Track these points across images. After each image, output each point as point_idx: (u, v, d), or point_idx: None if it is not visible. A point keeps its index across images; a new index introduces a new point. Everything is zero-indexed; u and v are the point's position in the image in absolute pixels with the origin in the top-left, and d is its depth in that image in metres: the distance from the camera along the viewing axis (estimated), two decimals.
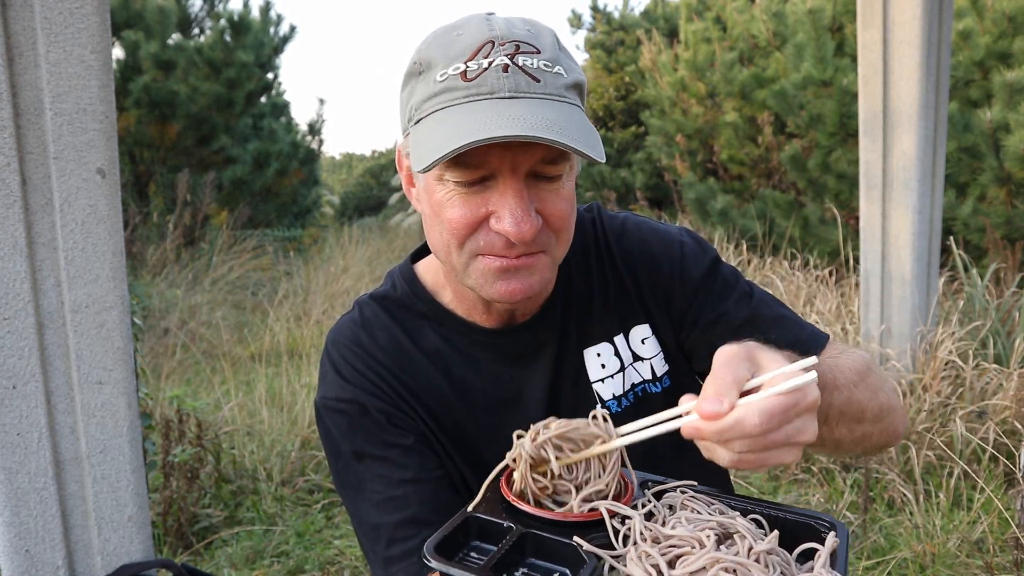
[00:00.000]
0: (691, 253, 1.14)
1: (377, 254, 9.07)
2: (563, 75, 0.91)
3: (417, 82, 0.94)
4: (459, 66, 0.89)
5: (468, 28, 0.92)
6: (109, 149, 1.65)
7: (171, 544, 3.01)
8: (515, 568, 0.77)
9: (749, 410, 0.69)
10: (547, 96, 0.89)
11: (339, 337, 1.11)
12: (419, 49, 0.95)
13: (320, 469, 3.57)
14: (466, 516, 0.81)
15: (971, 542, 2.60)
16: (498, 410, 1.09)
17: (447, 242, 0.96)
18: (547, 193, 0.93)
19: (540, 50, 0.91)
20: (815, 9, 5.46)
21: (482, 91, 0.87)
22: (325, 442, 1.08)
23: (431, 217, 0.97)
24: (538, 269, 0.97)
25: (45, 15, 1.53)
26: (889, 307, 3.64)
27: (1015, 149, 4.31)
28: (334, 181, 21.75)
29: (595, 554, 0.73)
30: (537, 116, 0.85)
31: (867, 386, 1.00)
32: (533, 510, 0.81)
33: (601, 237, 1.15)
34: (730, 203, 6.90)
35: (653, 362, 1.13)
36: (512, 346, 1.10)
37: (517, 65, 0.88)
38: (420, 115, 0.92)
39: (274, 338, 5.40)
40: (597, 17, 11.30)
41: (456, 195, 0.92)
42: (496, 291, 0.96)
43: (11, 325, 1.55)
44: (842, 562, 0.71)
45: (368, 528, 1.03)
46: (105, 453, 1.70)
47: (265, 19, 9.37)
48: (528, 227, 0.90)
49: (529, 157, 0.89)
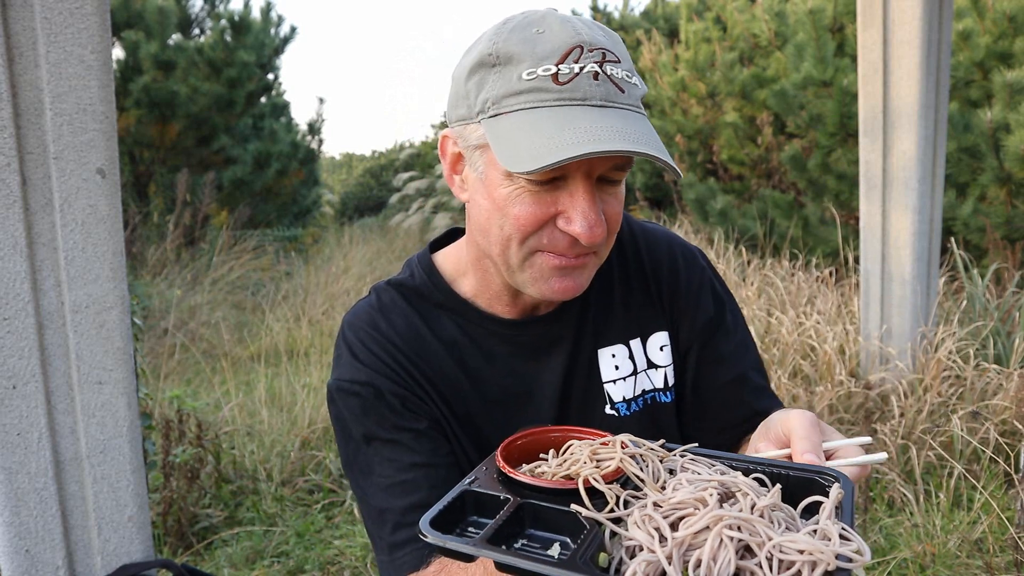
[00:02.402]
0: (710, 288, 1.18)
1: (377, 254, 9.07)
2: (638, 86, 0.94)
3: (490, 73, 0.93)
4: (549, 67, 0.89)
5: (549, 27, 0.92)
6: (109, 149, 1.65)
7: (171, 544, 3.01)
8: (514, 539, 0.76)
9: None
10: (630, 107, 0.91)
11: (356, 320, 1.11)
12: (494, 40, 0.94)
13: (320, 469, 3.57)
14: (463, 490, 0.80)
15: (971, 542, 2.60)
16: (510, 403, 1.10)
17: (508, 236, 0.96)
18: (608, 196, 0.96)
19: (620, 59, 0.93)
20: (815, 9, 5.46)
21: (576, 96, 0.89)
22: (336, 425, 1.08)
23: (492, 211, 0.97)
24: (588, 268, 1.00)
25: (45, 15, 1.53)
26: (889, 307, 3.64)
27: (1015, 149, 4.31)
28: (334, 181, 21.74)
29: (595, 520, 0.72)
30: (631, 129, 0.88)
31: None
32: (529, 479, 0.80)
33: (630, 241, 1.17)
34: (730, 203, 6.89)
35: (667, 371, 1.14)
36: (528, 338, 1.10)
37: (606, 74, 0.90)
38: (501, 110, 0.92)
39: (274, 338, 5.41)
40: (597, 17, 11.30)
41: (526, 192, 0.93)
42: (550, 288, 0.98)
43: (11, 325, 1.55)
44: (848, 513, 0.71)
45: (375, 512, 1.03)
46: (105, 453, 1.70)
47: (266, 19, 9.37)
48: (600, 231, 0.93)
49: (604, 163, 0.92)
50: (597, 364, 1.11)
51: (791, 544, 0.65)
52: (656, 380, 1.14)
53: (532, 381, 1.10)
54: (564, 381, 1.10)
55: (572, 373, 1.10)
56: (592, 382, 1.11)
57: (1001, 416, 3.11)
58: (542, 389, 1.10)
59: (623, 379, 1.12)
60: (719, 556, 0.65)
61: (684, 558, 0.66)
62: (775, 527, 0.68)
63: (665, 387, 1.14)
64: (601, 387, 1.11)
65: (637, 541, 0.69)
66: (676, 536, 0.67)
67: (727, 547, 0.65)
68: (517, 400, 1.10)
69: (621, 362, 1.12)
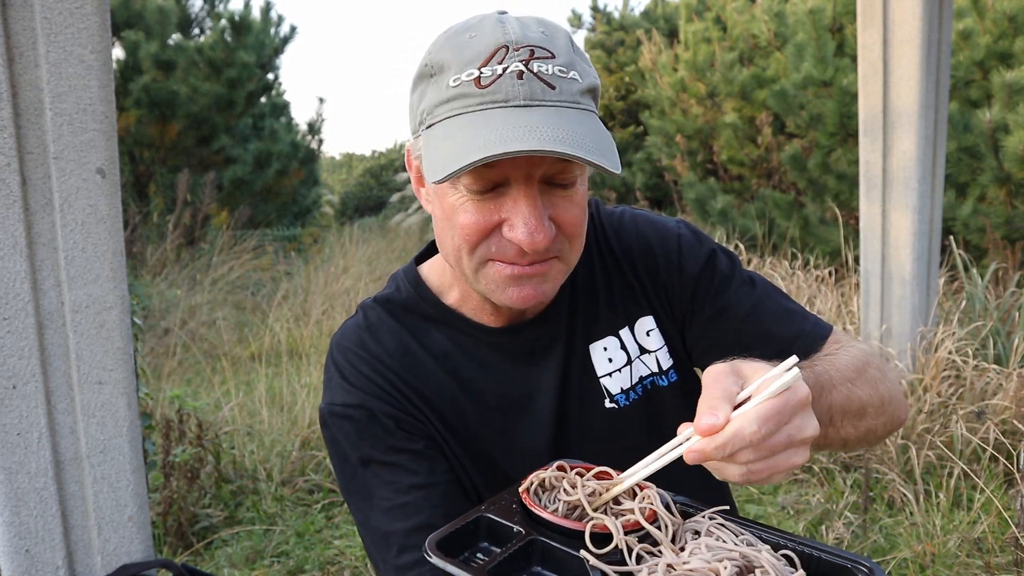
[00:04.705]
0: (688, 247, 1.13)
1: (377, 254, 9.07)
2: (578, 80, 0.90)
3: (428, 85, 0.93)
4: (472, 72, 0.87)
5: (481, 30, 0.90)
6: (109, 149, 1.65)
7: (171, 544, 3.01)
8: (518, 574, 0.75)
9: (745, 419, 0.70)
10: (562, 104, 0.87)
11: (344, 341, 1.09)
12: (430, 51, 0.94)
13: (320, 469, 3.57)
14: (479, 515, 0.79)
15: (971, 542, 2.60)
16: (510, 410, 1.09)
17: (458, 246, 0.95)
18: (561, 200, 0.93)
19: (555, 55, 0.89)
20: (815, 9, 5.46)
21: (496, 99, 0.86)
22: (331, 449, 1.07)
23: (442, 220, 0.96)
24: (551, 276, 0.97)
25: (45, 15, 1.53)
26: (889, 307, 3.64)
27: (1015, 149, 4.31)
28: (334, 181, 21.73)
29: (601, 570, 0.71)
30: (552, 126, 0.84)
31: (866, 380, 0.99)
32: (547, 515, 0.78)
33: (600, 232, 1.15)
34: (730, 203, 6.90)
35: (659, 355, 1.12)
36: (520, 344, 1.09)
37: (532, 71, 0.87)
38: (432, 120, 0.91)
39: (274, 338, 5.40)
40: (597, 17, 11.30)
41: (469, 201, 0.91)
42: (508, 297, 0.96)
43: (11, 325, 1.55)
44: None
45: (378, 536, 1.02)
46: (105, 453, 1.70)
47: (266, 19, 9.36)
48: (542, 237, 0.90)
49: (543, 164, 0.89)
50: (591, 360, 1.11)
51: None
52: (651, 365, 1.12)
53: (529, 385, 1.09)
54: (561, 382, 1.09)
55: (568, 373, 1.10)
56: (588, 379, 1.10)
57: (1001, 416, 3.11)
58: (540, 392, 1.09)
59: (618, 370, 1.11)
60: None
61: None
62: None
63: (660, 371, 1.12)
64: (598, 382, 1.10)
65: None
66: None
67: None
68: (516, 406, 1.09)
69: (614, 354, 1.11)
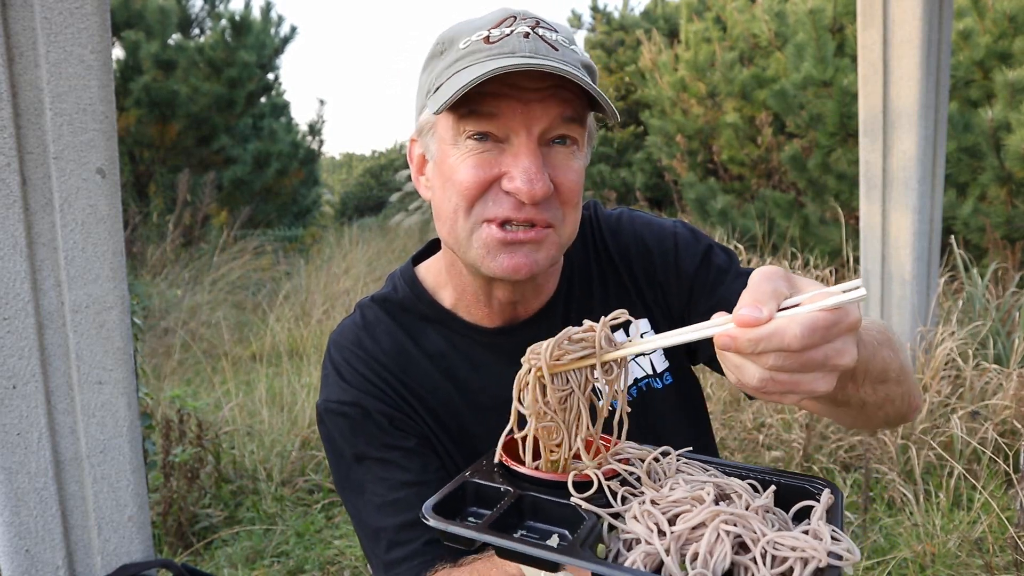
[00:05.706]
0: (684, 245, 1.13)
1: (377, 254, 9.06)
2: (577, 53, 0.96)
3: (438, 60, 0.98)
4: (482, 33, 0.93)
5: (489, 11, 0.98)
6: (109, 149, 1.65)
7: (171, 544, 3.01)
8: (513, 530, 0.77)
9: (792, 321, 0.64)
10: (563, 63, 0.91)
11: (341, 339, 1.11)
12: (441, 34, 0.99)
13: (320, 469, 3.57)
14: (464, 481, 0.81)
15: (971, 542, 2.60)
16: (504, 410, 1.09)
17: (455, 207, 0.96)
18: (561, 159, 0.95)
19: (558, 30, 0.96)
20: (815, 9, 5.46)
21: (503, 51, 0.91)
22: (327, 445, 1.08)
23: (441, 188, 0.98)
24: (544, 246, 0.97)
25: (45, 15, 1.53)
26: (889, 307, 3.64)
27: (1015, 148, 4.31)
28: (334, 181, 21.72)
29: (594, 512, 0.73)
30: (552, 64, 0.88)
31: (889, 345, 0.98)
32: (529, 471, 0.80)
33: (598, 233, 1.16)
34: (730, 203, 6.90)
35: (653, 357, 1.13)
36: (514, 345, 1.09)
37: (537, 34, 0.92)
38: (440, 81, 0.95)
39: (274, 338, 5.40)
40: (597, 17, 11.30)
41: (470, 155, 0.93)
42: (499, 264, 0.96)
43: (11, 325, 1.55)
44: (838, 518, 0.72)
45: (369, 531, 1.03)
46: (105, 453, 1.70)
47: (266, 19, 9.37)
48: (540, 186, 0.91)
49: (546, 114, 0.91)
50: None
51: (784, 541, 0.66)
52: (645, 367, 1.13)
53: None
54: None
55: None
56: None
57: (1001, 416, 3.11)
58: None
59: None
60: (715, 550, 0.66)
61: (681, 551, 0.67)
62: (769, 525, 0.70)
63: (655, 373, 1.13)
64: None
65: (635, 534, 0.70)
66: (674, 530, 0.68)
67: (723, 541, 0.66)
68: (509, 406, 1.09)
69: None
